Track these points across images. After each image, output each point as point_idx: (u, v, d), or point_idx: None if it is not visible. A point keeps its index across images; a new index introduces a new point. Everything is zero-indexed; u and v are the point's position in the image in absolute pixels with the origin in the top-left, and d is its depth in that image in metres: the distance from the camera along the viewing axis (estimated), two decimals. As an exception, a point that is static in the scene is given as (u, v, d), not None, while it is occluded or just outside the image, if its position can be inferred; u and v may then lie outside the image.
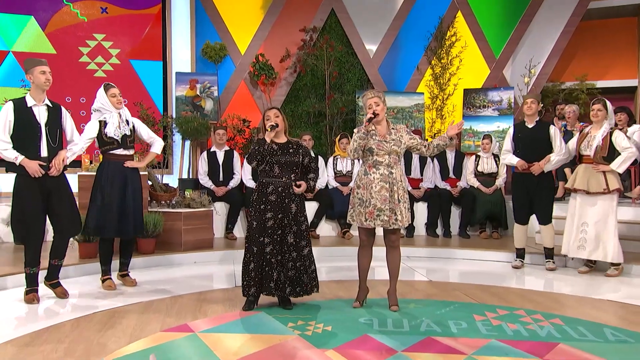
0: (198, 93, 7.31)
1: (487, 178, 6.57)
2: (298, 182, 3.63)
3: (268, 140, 3.56)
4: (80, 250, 4.88)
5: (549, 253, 5.09)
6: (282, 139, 3.70)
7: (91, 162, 5.44)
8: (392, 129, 3.60)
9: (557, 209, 5.84)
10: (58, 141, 3.78)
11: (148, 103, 6.76)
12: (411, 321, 3.40)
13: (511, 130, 5.14)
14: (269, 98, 7.84)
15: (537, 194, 4.95)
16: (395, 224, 3.52)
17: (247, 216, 3.68)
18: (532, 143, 4.93)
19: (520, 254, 5.23)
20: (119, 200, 4.04)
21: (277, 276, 3.55)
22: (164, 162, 6.97)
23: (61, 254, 3.88)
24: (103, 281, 4.20)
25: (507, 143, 5.13)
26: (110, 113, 4.08)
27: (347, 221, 3.69)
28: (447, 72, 8.14)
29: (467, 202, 6.49)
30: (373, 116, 3.51)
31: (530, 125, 4.98)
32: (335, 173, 6.71)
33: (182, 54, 7.55)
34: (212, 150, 6.62)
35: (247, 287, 3.59)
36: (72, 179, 5.00)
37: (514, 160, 5.01)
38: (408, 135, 3.61)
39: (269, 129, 3.56)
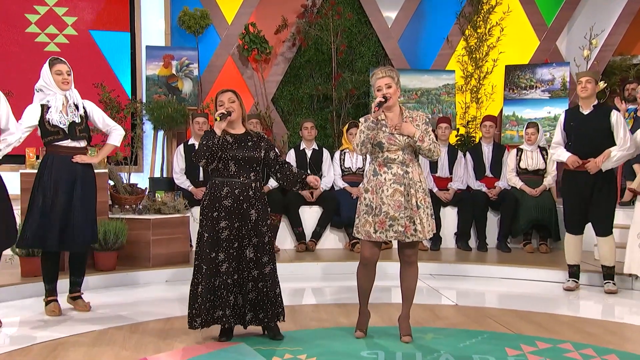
0: (174, 72, 7.30)
1: (533, 176, 6.48)
2: (311, 178, 3.58)
3: (218, 132, 3.51)
4: (22, 266, 4.88)
5: (609, 272, 4.99)
6: (239, 130, 3.66)
7: (37, 157, 5.44)
8: (408, 117, 3.56)
9: (624, 217, 5.71)
10: None
11: (112, 84, 6.76)
12: (426, 355, 3.35)
13: (562, 118, 5.05)
14: (262, 78, 7.83)
15: (593, 198, 4.85)
16: (414, 235, 3.48)
17: (199, 226, 3.64)
18: (587, 134, 4.83)
19: (574, 272, 5.13)
20: (64, 204, 4.00)
21: (234, 301, 3.51)
22: (131, 157, 6.97)
23: None
24: (46, 304, 4.19)
25: (558, 134, 5.05)
26: (54, 95, 4.04)
27: (353, 234, 3.67)
28: (484, 44, 8.06)
29: (507, 207, 6.41)
30: (383, 100, 3.46)
31: (585, 112, 4.88)
32: (342, 171, 6.67)
33: (154, 24, 7.55)
34: (190, 142, 6.62)
35: (194, 316, 3.51)
36: (13, 178, 5.05)
37: (565, 155, 4.92)
38: (424, 126, 3.56)
39: (218, 118, 3.50)
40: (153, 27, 7.55)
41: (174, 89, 7.29)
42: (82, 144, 4.15)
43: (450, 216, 6.59)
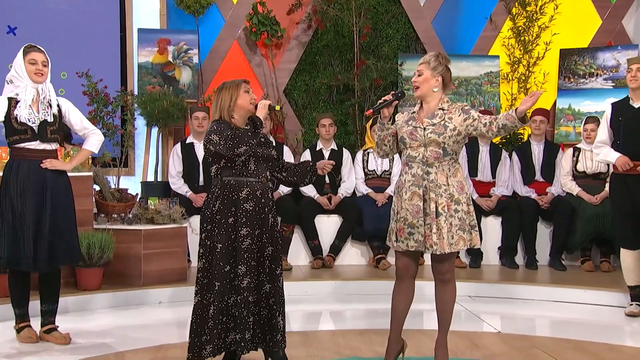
0: (170, 59, 7.35)
1: (593, 181, 6.45)
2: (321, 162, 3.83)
3: (263, 117, 3.58)
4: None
5: None
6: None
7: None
8: (441, 109, 3.60)
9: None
10: None
11: (98, 73, 6.83)
12: (462, 393, 3.33)
13: (608, 112, 5.07)
14: (273, 66, 7.85)
15: None
16: (431, 248, 3.49)
17: (201, 237, 3.63)
18: (638, 130, 4.81)
19: (637, 294, 5.07)
20: (34, 217, 4.00)
21: (253, 322, 3.50)
22: (121, 157, 7.02)
23: None
24: (18, 330, 4.19)
25: (603, 131, 5.06)
26: (25, 87, 4.05)
27: (387, 243, 3.74)
28: (535, 24, 8.00)
29: (562, 217, 6.36)
30: (388, 99, 3.59)
31: (637, 105, 4.88)
32: (366, 174, 6.68)
33: (147, 2, 7.59)
34: (188, 141, 6.66)
35: (200, 344, 3.43)
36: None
37: (613, 156, 4.92)
38: (462, 116, 3.57)
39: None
40: (146, 6, 7.59)
41: (171, 78, 7.32)
42: (54, 146, 4.15)
43: (493, 227, 6.55)
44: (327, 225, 6.50)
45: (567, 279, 5.95)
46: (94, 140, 4.31)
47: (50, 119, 4.09)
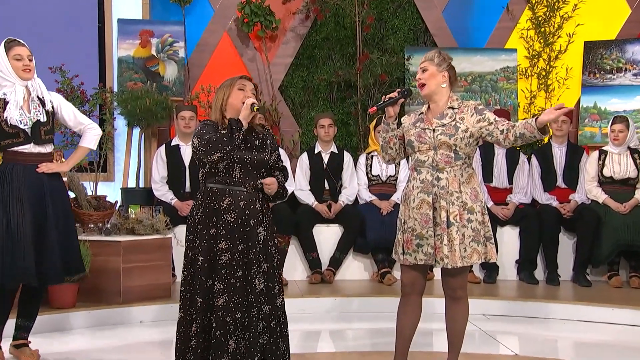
0: (154, 53, 7.36)
1: (621, 187, 6.46)
2: (265, 180, 3.59)
3: (245, 124, 3.56)
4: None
5: None
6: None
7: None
8: (450, 108, 3.63)
9: None
10: None
11: (74, 68, 6.84)
12: (475, 422, 3.33)
13: None
14: (267, 60, 7.86)
15: None
16: (442, 262, 3.49)
17: (185, 247, 3.64)
18: None
19: None
20: (34, 227, 4.04)
21: (235, 346, 3.48)
22: (99, 161, 7.03)
23: None
24: None
25: None
26: (13, 86, 4.09)
27: (393, 256, 3.74)
28: (556, 14, 8.00)
29: (586, 227, 6.36)
30: (394, 97, 3.63)
31: None
32: (369, 179, 6.69)
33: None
34: (174, 143, 6.67)
35: None
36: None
37: None
38: (476, 116, 3.60)
39: (256, 108, 3.56)
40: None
41: (154, 74, 7.34)
42: (48, 148, 4.21)
43: (510, 238, 6.56)
44: (327, 236, 6.51)
45: (592, 296, 5.94)
46: (90, 136, 4.37)
47: (43, 118, 4.14)
